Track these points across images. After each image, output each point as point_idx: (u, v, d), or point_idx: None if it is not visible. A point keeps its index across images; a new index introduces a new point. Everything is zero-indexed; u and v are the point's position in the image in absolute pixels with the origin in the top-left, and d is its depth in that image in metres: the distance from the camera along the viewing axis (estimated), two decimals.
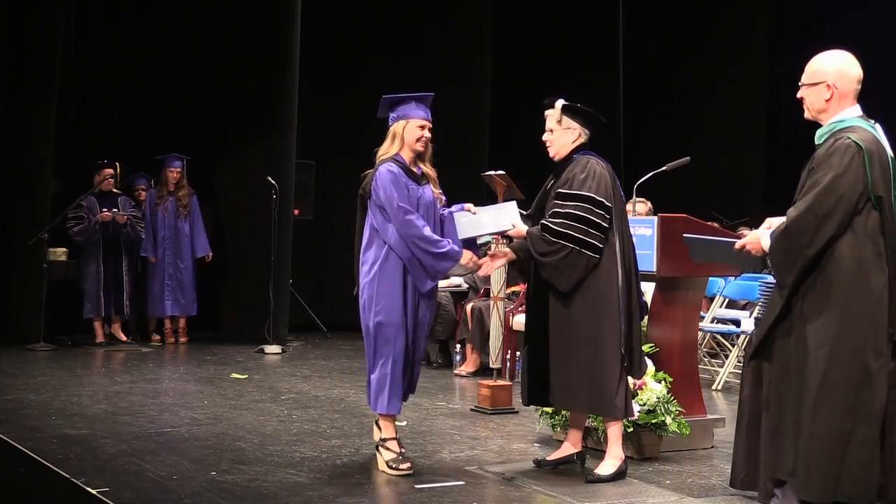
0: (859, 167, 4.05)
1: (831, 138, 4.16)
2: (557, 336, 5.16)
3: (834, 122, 4.22)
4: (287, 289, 10.55)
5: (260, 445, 5.79)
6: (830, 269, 4.08)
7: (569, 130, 5.28)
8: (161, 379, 8.29)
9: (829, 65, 4.24)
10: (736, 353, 8.36)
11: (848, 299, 4.06)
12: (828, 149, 4.12)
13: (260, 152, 10.61)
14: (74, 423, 6.32)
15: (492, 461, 5.55)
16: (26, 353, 9.32)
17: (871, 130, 4.18)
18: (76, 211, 10.05)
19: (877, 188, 4.07)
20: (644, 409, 5.50)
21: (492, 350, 7.35)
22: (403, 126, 5.37)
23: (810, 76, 4.27)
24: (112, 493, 4.67)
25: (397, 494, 4.79)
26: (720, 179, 12.62)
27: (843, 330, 4.06)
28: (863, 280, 4.06)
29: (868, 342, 4.07)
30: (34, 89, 9.95)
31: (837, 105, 4.22)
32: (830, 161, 4.08)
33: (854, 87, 4.24)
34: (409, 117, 5.37)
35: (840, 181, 4.04)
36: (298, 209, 10.96)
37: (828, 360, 4.07)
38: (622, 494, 4.91)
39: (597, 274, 5.07)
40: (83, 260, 10.18)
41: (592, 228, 5.04)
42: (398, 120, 5.38)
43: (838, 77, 4.21)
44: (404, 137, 5.37)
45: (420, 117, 5.38)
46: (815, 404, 4.08)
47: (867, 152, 4.06)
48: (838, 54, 4.28)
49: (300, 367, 9.06)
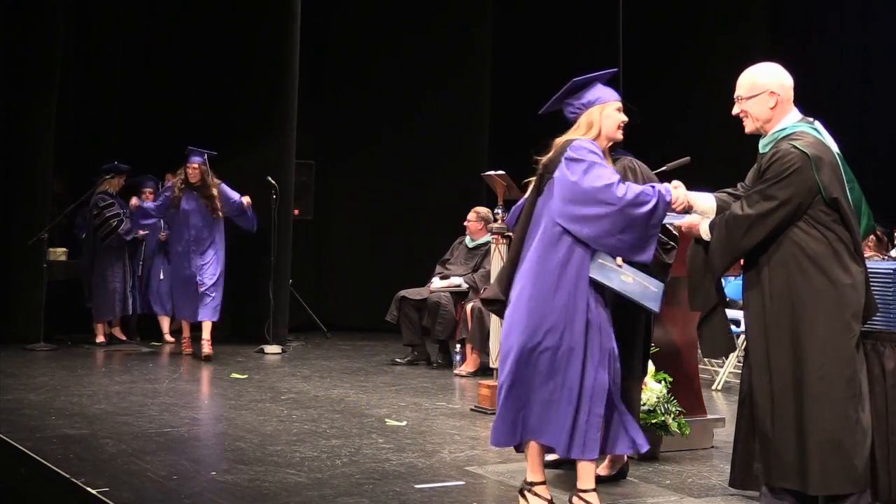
0: (805, 173, 4.09)
1: (776, 148, 4.22)
2: None
3: (776, 130, 4.32)
4: (287, 289, 10.55)
5: (260, 445, 5.79)
6: (791, 269, 4.15)
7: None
8: (161, 379, 8.28)
9: (769, 75, 4.34)
10: (736, 353, 8.35)
11: (812, 295, 4.13)
12: (771, 157, 4.20)
13: (260, 152, 10.61)
14: (74, 423, 6.32)
15: (492, 461, 5.55)
16: (26, 353, 9.32)
17: (813, 133, 4.24)
18: (111, 209, 10.03)
19: (830, 191, 4.13)
20: (644, 409, 5.50)
21: (492, 350, 7.34)
22: (600, 111, 4.53)
23: (749, 89, 4.35)
24: (112, 493, 4.67)
25: (397, 494, 4.79)
26: (720, 179, 12.61)
27: (817, 327, 4.11)
28: (821, 275, 4.11)
29: (845, 332, 4.12)
30: (34, 89, 9.96)
31: (780, 112, 4.31)
32: (777, 168, 4.15)
33: (791, 94, 4.35)
34: (605, 100, 4.55)
35: (784, 189, 4.12)
36: (298, 209, 10.96)
37: (820, 359, 4.10)
38: (622, 494, 4.91)
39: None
40: (105, 260, 10.15)
41: None
42: (592, 105, 4.53)
43: (780, 85, 4.32)
44: (602, 125, 4.53)
45: (616, 99, 4.58)
46: (815, 400, 4.09)
47: (813, 158, 4.12)
48: (770, 65, 4.39)
49: (300, 367, 9.06)
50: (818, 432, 4.08)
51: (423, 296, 9.30)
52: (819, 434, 4.08)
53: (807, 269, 4.13)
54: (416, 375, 8.75)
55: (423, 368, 9.18)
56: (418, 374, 8.82)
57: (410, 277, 9.97)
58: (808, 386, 4.10)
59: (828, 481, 4.09)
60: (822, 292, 4.11)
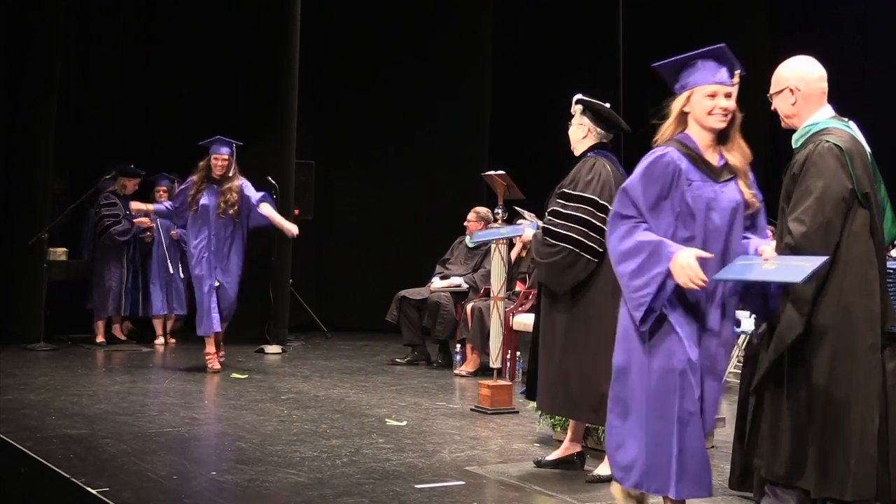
0: (843, 168, 4.05)
1: (809, 143, 4.18)
2: (545, 338, 5.18)
3: (808, 125, 4.25)
4: (287, 289, 10.55)
5: (260, 445, 5.79)
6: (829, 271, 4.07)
7: (581, 127, 5.27)
8: (161, 379, 8.29)
9: (789, 70, 4.28)
10: (736, 352, 8.36)
11: (845, 298, 4.06)
12: (808, 154, 4.13)
13: (260, 152, 10.60)
14: (74, 423, 6.32)
15: (492, 461, 5.55)
16: (26, 353, 9.32)
17: (847, 129, 4.20)
18: (111, 209, 10.03)
19: (862, 186, 4.08)
20: None
21: (492, 350, 7.34)
22: (687, 98, 3.87)
23: (774, 85, 4.31)
24: (112, 493, 4.67)
25: (397, 494, 4.79)
26: None
27: (844, 329, 4.06)
28: (858, 277, 4.07)
29: (866, 339, 4.08)
30: (34, 89, 9.95)
31: (806, 108, 4.24)
32: (816, 167, 4.08)
33: (819, 88, 4.25)
34: (693, 85, 3.85)
35: (832, 185, 4.05)
36: (298, 209, 10.96)
37: (831, 361, 4.07)
38: None
39: (592, 279, 5.05)
40: (105, 258, 10.14)
41: (593, 232, 5.03)
42: (682, 91, 3.89)
43: (799, 80, 4.24)
44: (693, 113, 3.87)
45: (710, 82, 3.84)
46: (825, 406, 4.07)
47: (847, 152, 4.07)
48: (797, 59, 4.32)
49: (300, 367, 9.06)
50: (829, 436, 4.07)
51: (424, 296, 9.30)
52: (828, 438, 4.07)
53: (841, 270, 4.01)
54: (416, 375, 8.75)
55: (424, 368, 9.18)
56: (418, 374, 8.82)
57: (410, 277, 9.97)
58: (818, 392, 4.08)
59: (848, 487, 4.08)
60: (857, 291, 4.02)
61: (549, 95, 5.37)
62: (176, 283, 10.27)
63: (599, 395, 4.80)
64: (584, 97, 5.26)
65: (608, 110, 5.28)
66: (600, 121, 5.27)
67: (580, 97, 5.25)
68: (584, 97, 5.26)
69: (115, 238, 10.03)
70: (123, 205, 10.02)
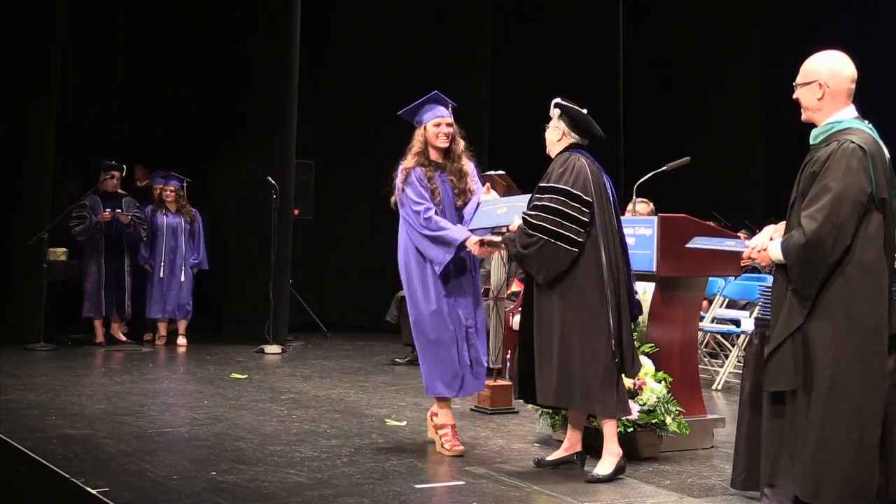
0: (865, 170, 4.03)
1: (833, 141, 4.14)
2: (539, 332, 5.17)
3: (831, 122, 4.20)
4: (287, 289, 10.55)
5: (260, 445, 5.79)
6: (837, 273, 4.06)
7: (556, 129, 5.32)
8: (161, 379, 8.29)
9: (822, 64, 4.23)
10: (736, 353, 8.36)
11: (855, 302, 4.05)
12: (832, 152, 4.09)
13: (260, 152, 10.61)
14: (74, 423, 6.32)
15: (492, 461, 5.55)
16: (26, 353, 9.32)
17: (869, 132, 4.17)
18: (79, 210, 10.05)
19: (881, 191, 4.05)
20: (644, 410, 5.49)
21: (492, 350, 7.34)
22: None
23: (803, 76, 4.26)
24: (112, 493, 4.67)
25: (397, 494, 4.79)
26: (720, 179, 12.64)
27: (850, 333, 4.04)
28: (869, 282, 4.05)
29: (874, 344, 4.06)
30: (34, 89, 9.96)
31: (831, 105, 4.20)
32: (838, 166, 4.05)
33: (847, 87, 4.22)
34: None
35: (851, 187, 4.02)
36: (298, 209, 10.96)
37: (835, 364, 4.06)
38: (622, 494, 4.90)
39: (576, 269, 5.06)
40: (84, 259, 10.18)
41: (568, 221, 5.05)
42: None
43: (830, 76, 4.19)
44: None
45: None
46: (825, 409, 4.06)
47: (870, 155, 4.04)
48: (831, 54, 4.27)
49: (300, 367, 9.06)
50: (820, 442, 4.07)
51: None
52: (821, 444, 4.07)
53: (852, 273, 4.03)
54: (416, 375, 8.67)
55: None
56: (418, 374, 8.70)
57: None
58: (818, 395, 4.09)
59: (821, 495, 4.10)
60: (866, 296, 4.03)
61: (550, 96, 5.37)
62: (164, 286, 10.27)
63: (600, 380, 5.00)
64: (562, 101, 5.30)
65: (584, 115, 5.30)
66: (576, 125, 5.30)
67: (558, 101, 5.30)
68: (562, 101, 5.30)
69: (76, 238, 10.06)
70: (93, 204, 10.00)
